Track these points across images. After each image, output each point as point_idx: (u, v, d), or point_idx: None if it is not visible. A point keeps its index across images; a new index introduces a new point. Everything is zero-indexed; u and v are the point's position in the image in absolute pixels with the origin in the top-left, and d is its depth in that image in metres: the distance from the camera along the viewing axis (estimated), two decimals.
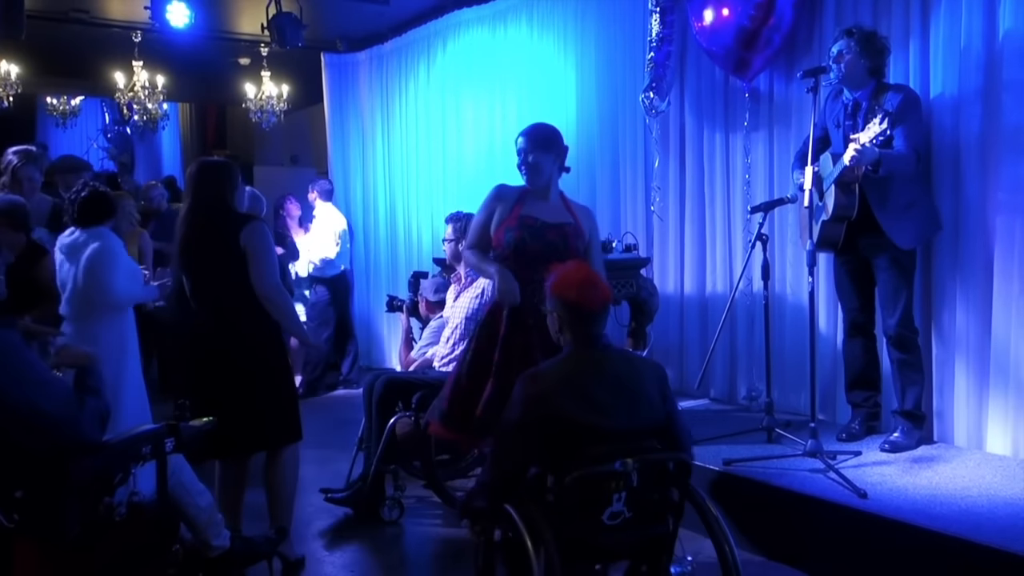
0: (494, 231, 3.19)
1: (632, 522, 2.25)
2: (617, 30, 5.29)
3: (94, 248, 3.25)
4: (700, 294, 4.99)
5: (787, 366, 4.44)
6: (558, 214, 3.20)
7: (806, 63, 4.21)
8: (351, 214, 7.69)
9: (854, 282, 3.84)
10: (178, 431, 2.36)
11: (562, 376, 2.32)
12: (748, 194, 4.64)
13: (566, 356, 2.41)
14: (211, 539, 3.00)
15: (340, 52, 7.86)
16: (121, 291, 3.29)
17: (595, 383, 2.31)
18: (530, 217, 3.14)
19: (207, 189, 3.25)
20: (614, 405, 2.29)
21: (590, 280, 2.44)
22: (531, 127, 3.27)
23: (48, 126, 11.23)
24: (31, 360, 1.94)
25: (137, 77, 8.00)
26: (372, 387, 4.08)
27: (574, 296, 2.39)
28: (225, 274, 3.19)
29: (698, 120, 4.96)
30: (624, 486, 2.19)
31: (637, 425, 2.31)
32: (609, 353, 2.41)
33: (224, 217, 3.23)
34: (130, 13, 6.94)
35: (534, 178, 3.19)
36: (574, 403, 2.26)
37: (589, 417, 2.25)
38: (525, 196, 3.21)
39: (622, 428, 2.28)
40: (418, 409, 3.85)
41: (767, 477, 3.43)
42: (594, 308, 2.40)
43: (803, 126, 4.20)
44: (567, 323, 2.41)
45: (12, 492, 1.91)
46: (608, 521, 2.22)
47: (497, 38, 6.25)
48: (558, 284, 2.44)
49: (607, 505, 2.20)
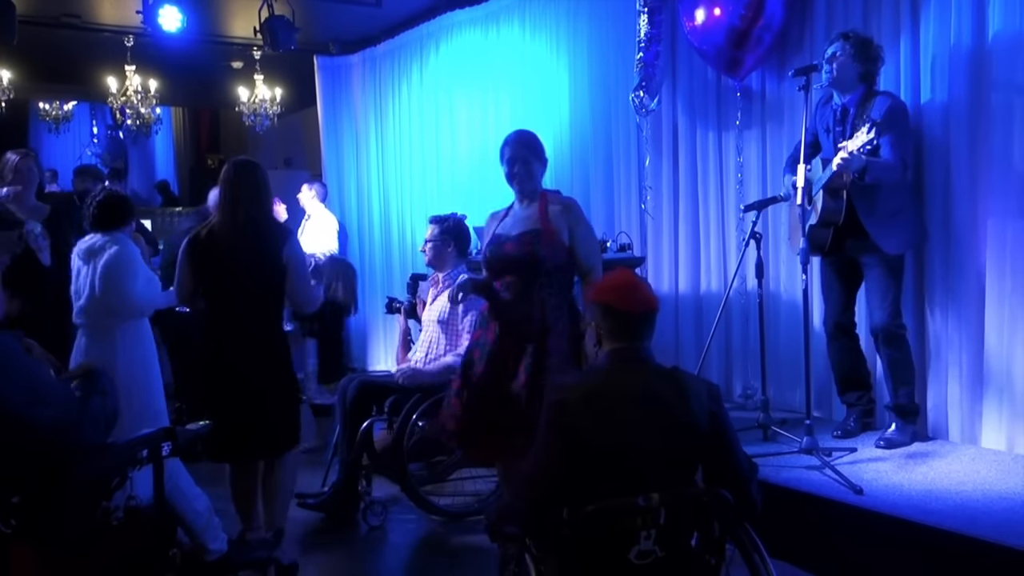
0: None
1: (665, 562, 1.97)
2: (609, 30, 5.30)
3: (112, 253, 3.26)
4: (695, 293, 5.00)
5: (782, 364, 4.45)
6: (526, 223, 3.08)
7: (797, 62, 4.23)
8: (345, 216, 7.70)
9: (841, 281, 3.86)
10: (175, 435, 2.36)
11: (588, 389, 2.09)
12: (741, 192, 4.66)
13: (597, 369, 2.19)
14: (208, 543, 3.00)
15: (333, 55, 7.86)
16: (140, 297, 3.31)
17: (625, 400, 2.05)
18: (499, 236, 3.10)
19: (251, 195, 3.18)
20: (645, 426, 2.03)
21: (631, 284, 2.23)
22: (518, 135, 3.17)
23: (41, 132, 11.19)
24: (29, 364, 1.94)
25: (130, 82, 7.97)
26: (345, 390, 4.08)
27: (611, 299, 2.18)
28: (260, 284, 3.17)
29: (690, 119, 4.97)
30: (652, 523, 1.94)
31: (671, 449, 2.04)
32: (648, 367, 2.15)
33: (268, 228, 3.20)
34: (122, 18, 6.92)
35: (527, 183, 3.10)
36: (595, 421, 2.02)
37: (611, 438, 2.01)
38: (508, 213, 3.17)
39: (652, 452, 2.02)
40: (391, 413, 3.86)
41: (763, 474, 3.38)
42: (632, 311, 2.15)
43: (795, 124, 4.22)
44: (605, 331, 2.19)
45: (9, 497, 1.90)
46: (636, 560, 1.95)
47: (489, 39, 6.26)
48: (597, 290, 2.26)
49: (634, 543, 1.94)
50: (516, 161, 3.09)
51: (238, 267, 3.17)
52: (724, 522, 2.01)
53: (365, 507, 3.90)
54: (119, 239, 3.32)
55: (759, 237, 3.99)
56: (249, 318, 3.18)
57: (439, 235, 4.13)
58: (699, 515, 2.00)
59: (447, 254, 4.12)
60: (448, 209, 5.74)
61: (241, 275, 3.17)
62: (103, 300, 3.25)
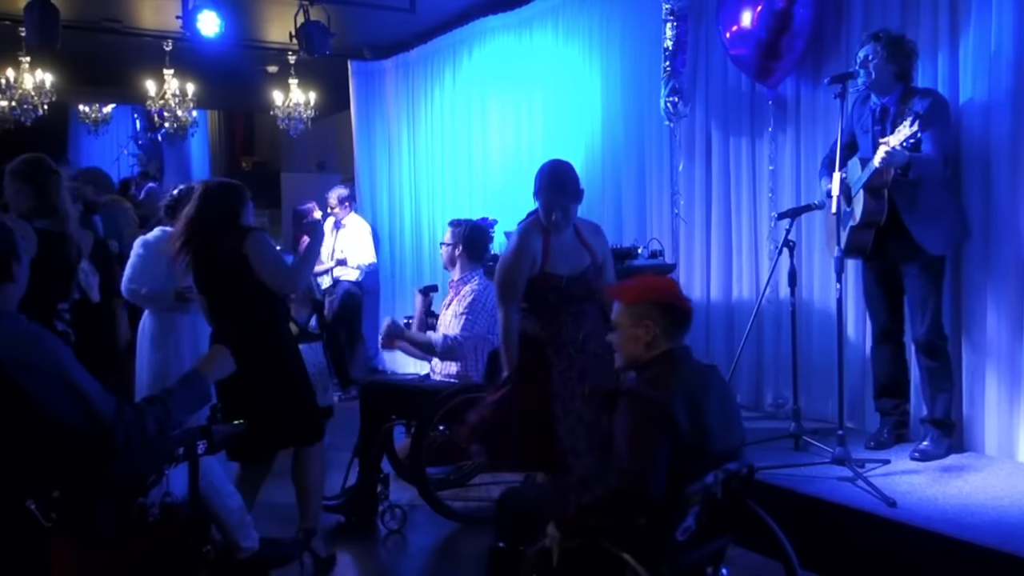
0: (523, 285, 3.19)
1: (697, 536, 2.13)
2: (642, 36, 5.29)
3: None
4: (726, 300, 4.96)
5: (814, 373, 4.40)
6: (578, 257, 3.22)
7: (833, 68, 4.19)
8: (377, 220, 7.75)
9: (883, 289, 3.81)
10: (210, 433, 2.39)
11: (677, 388, 2.13)
12: (774, 200, 4.62)
13: (665, 369, 2.20)
14: (240, 540, 3.03)
15: (367, 60, 7.93)
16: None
17: (706, 399, 2.14)
18: (555, 276, 3.17)
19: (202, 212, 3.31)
20: (720, 425, 2.15)
21: (675, 283, 2.37)
22: (552, 177, 3.17)
23: (80, 134, 11.40)
24: (69, 366, 1.98)
25: (168, 85, 8.12)
26: (366, 393, 4.13)
27: (671, 298, 2.23)
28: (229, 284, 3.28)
29: (723, 126, 4.95)
30: (703, 500, 2.06)
31: (731, 447, 2.20)
32: (702, 365, 2.24)
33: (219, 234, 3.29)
34: (161, 22, 7.06)
35: (564, 226, 3.19)
36: (688, 417, 2.09)
37: (697, 435, 2.10)
38: (547, 240, 3.19)
39: (721, 450, 2.15)
40: (410, 417, 3.89)
41: (794, 484, 3.41)
42: (690, 309, 2.26)
43: (830, 131, 4.18)
44: (664, 329, 2.22)
45: (50, 492, 1.94)
46: (681, 537, 2.09)
47: (523, 45, 6.28)
48: (647, 291, 2.28)
49: (682, 521, 2.07)
50: (554, 209, 3.15)
51: (203, 275, 3.33)
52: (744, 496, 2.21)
53: (384, 510, 3.92)
54: None
55: (792, 245, 3.96)
56: (228, 319, 3.28)
57: (452, 238, 4.20)
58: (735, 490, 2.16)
59: (457, 258, 4.15)
60: (479, 214, 5.77)
61: (208, 281, 3.33)
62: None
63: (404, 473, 4.02)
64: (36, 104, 7.86)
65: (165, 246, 3.43)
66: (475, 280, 4.11)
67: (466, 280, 4.13)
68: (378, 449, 3.94)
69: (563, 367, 3.14)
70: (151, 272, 3.40)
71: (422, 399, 3.88)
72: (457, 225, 4.24)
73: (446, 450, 3.99)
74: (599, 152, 5.63)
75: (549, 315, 3.19)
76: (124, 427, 2.01)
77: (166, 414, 2.13)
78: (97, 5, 6.72)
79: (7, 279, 2.01)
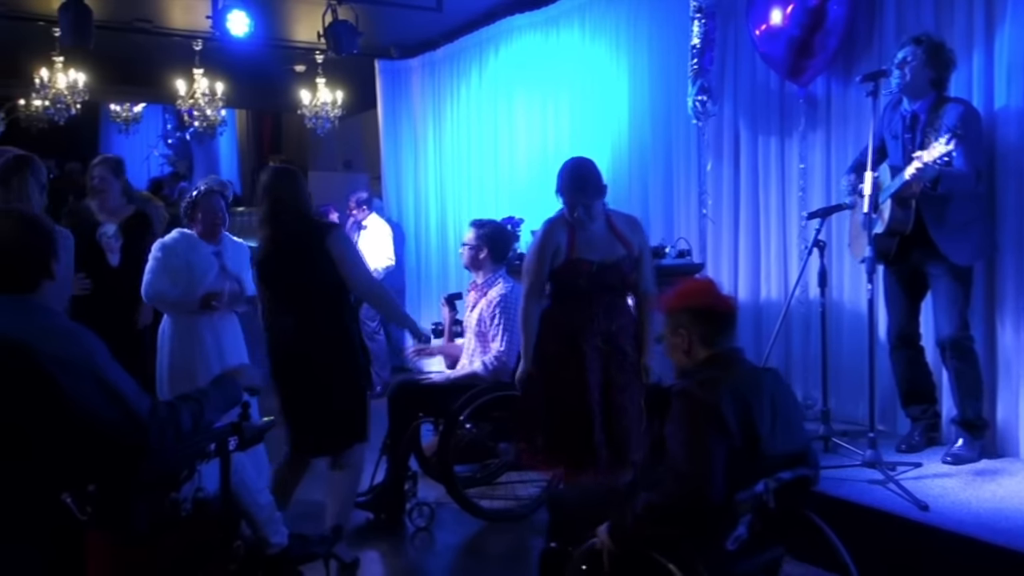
0: (550, 273, 3.23)
1: (749, 545, 2.09)
2: (669, 34, 5.26)
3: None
4: (754, 300, 4.92)
5: (844, 375, 4.36)
6: (610, 247, 3.23)
7: (865, 67, 4.13)
8: (403, 219, 7.78)
9: (904, 291, 3.77)
10: (241, 430, 2.41)
11: (727, 390, 2.08)
12: (804, 200, 4.57)
13: (715, 372, 2.16)
14: (270, 536, 3.06)
15: (393, 59, 7.96)
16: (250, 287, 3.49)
17: (757, 403, 2.08)
18: (585, 261, 3.19)
19: (286, 198, 3.31)
20: (773, 429, 2.08)
21: (714, 287, 2.28)
22: (572, 175, 3.21)
23: (111, 133, 11.56)
24: (106, 363, 2.00)
25: (197, 84, 8.20)
26: (394, 392, 4.14)
27: (709, 303, 2.20)
28: (310, 279, 3.26)
29: (752, 124, 4.91)
30: (754, 508, 2.02)
31: (789, 451, 2.11)
32: (753, 367, 2.20)
33: (306, 224, 3.30)
34: (192, 22, 7.13)
35: (588, 222, 3.22)
36: (738, 421, 2.05)
37: (749, 440, 2.05)
38: (573, 232, 3.22)
39: (774, 456, 2.07)
40: (437, 415, 3.89)
41: (823, 487, 3.34)
42: (729, 311, 2.20)
43: (861, 130, 4.14)
44: (700, 336, 2.20)
45: (85, 486, 1.97)
46: (731, 546, 2.06)
47: (549, 43, 6.27)
48: (680, 298, 2.25)
49: (732, 529, 2.03)
50: (576, 206, 3.19)
51: (283, 268, 3.28)
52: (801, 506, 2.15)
53: (411, 508, 3.94)
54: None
55: (823, 245, 3.92)
56: (305, 317, 3.26)
57: (475, 240, 4.16)
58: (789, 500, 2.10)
59: (481, 259, 4.14)
60: (505, 213, 5.78)
61: (287, 276, 3.28)
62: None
63: (431, 471, 4.03)
64: (69, 103, 7.99)
65: (184, 249, 3.42)
66: (500, 283, 4.09)
67: (491, 283, 4.11)
68: (406, 447, 3.96)
69: (593, 357, 3.14)
70: (170, 276, 3.40)
71: (450, 397, 3.89)
72: (480, 226, 4.21)
73: (473, 448, 4.01)
74: (625, 151, 5.60)
75: (580, 303, 3.19)
76: (159, 425, 2.04)
77: (200, 412, 2.16)
78: (129, 5, 6.81)
79: (46, 276, 2.03)
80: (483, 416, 3.87)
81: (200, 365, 3.33)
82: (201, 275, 3.39)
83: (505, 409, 3.73)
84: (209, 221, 3.42)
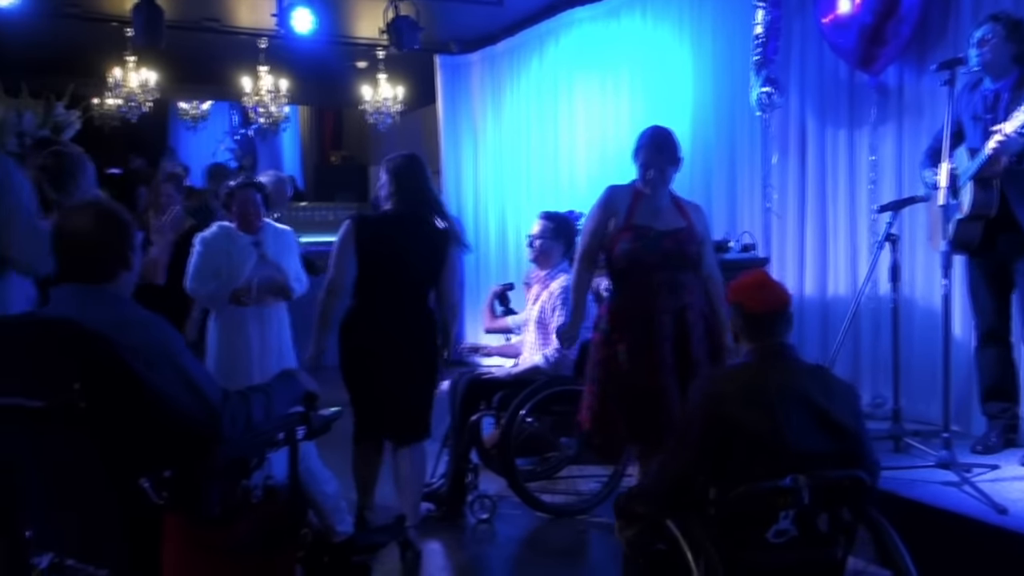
0: (608, 240, 3.18)
1: (799, 542, 2.11)
2: (735, 23, 5.17)
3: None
4: (821, 296, 4.82)
5: (916, 373, 4.22)
6: (671, 219, 3.18)
7: (940, 55, 4.00)
8: (462, 212, 7.81)
9: (990, 286, 3.62)
10: (309, 419, 2.45)
11: (743, 383, 2.18)
12: (874, 192, 4.46)
13: (747, 364, 2.28)
14: (335, 524, 3.12)
15: (453, 53, 8.00)
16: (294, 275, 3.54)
17: (780, 397, 2.13)
18: (644, 227, 3.14)
19: (424, 186, 3.41)
20: (800, 425, 2.12)
21: (760, 283, 2.32)
22: (653, 137, 3.18)
23: (179, 129, 11.86)
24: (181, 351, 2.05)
25: (262, 82, 8.37)
26: (456, 385, 4.15)
27: (742, 300, 2.28)
28: (422, 274, 3.38)
29: (820, 116, 4.80)
30: (792, 503, 2.05)
31: (823, 450, 2.13)
32: (793, 364, 2.25)
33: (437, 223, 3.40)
34: (257, 21, 7.28)
35: (660, 188, 3.17)
36: (753, 414, 2.11)
37: (769, 434, 2.10)
38: (636, 199, 3.19)
39: (805, 451, 2.11)
40: (499, 409, 3.90)
41: (894, 488, 3.27)
42: (759, 311, 2.25)
43: (935, 121, 4.00)
44: (741, 330, 2.31)
45: (162, 472, 2.02)
46: (773, 539, 2.09)
47: (610, 35, 6.21)
48: (731, 291, 2.36)
49: (773, 522, 2.07)
50: (650, 167, 3.14)
51: (409, 255, 3.34)
52: (859, 505, 2.13)
53: (473, 500, 3.95)
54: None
55: (895, 239, 3.80)
56: (409, 306, 3.35)
57: (549, 232, 4.14)
58: (836, 498, 2.11)
59: (553, 252, 4.12)
60: (565, 207, 5.75)
61: (409, 263, 3.35)
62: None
63: (492, 463, 4.05)
64: (140, 101, 8.23)
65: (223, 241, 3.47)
66: (562, 275, 4.08)
67: (553, 275, 4.11)
68: (467, 439, 3.98)
69: (663, 336, 3.08)
70: (211, 268, 3.44)
71: (511, 390, 3.90)
72: (549, 218, 4.20)
73: (533, 442, 4.01)
74: (688, 144, 5.50)
75: (640, 284, 3.12)
76: (231, 413, 2.08)
77: (269, 404, 2.20)
78: (197, 5, 6.98)
79: (125, 267, 2.09)
80: (544, 410, 3.88)
81: (244, 357, 3.39)
82: (240, 265, 3.44)
83: (566, 403, 3.72)
84: (241, 212, 3.47)
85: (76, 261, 2.05)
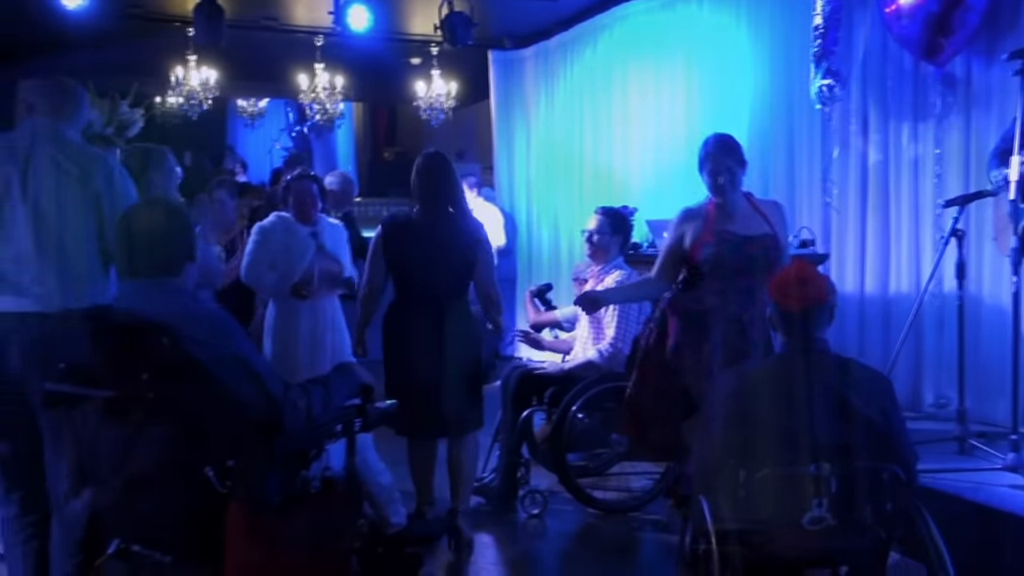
0: (690, 248, 3.14)
1: (836, 530, 2.17)
2: (795, 13, 5.05)
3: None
4: (883, 294, 4.70)
5: (982, 373, 4.09)
6: (753, 223, 3.14)
7: (1010, 45, 3.85)
8: (515, 208, 7.82)
9: None
10: (366, 412, 2.48)
11: (767, 375, 2.30)
12: (939, 187, 4.33)
13: (777, 357, 2.38)
14: (390, 516, 3.16)
15: (506, 49, 8.00)
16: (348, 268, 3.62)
17: (804, 389, 2.22)
18: (728, 232, 3.09)
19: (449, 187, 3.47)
20: (822, 416, 2.19)
21: (797, 278, 2.35)
22: (718, 143, 3.15)
23: (237, 126, 12.12)
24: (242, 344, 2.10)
25: (318, 79, 8.49)
26: (508, 380, 4.15)
27: (776, 295, 2.36)
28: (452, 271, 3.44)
29: (882, 108, 4.67)
30: (822, 491, 2.13)
31: (847, 441, 2.20)
32: (825, 359, 2.31)
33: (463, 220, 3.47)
34: (314, 19, 7.38)
35: (731, 192, 3.12)
36: (776, 405, 2.21)
37: (790, 423, 2.18)
38: (713, 210, 3.14)
39: (831, 443, 2.17)
40: (551, 404, 3.89)
41: (958, 491, 3.19)
42: (789, 308, 2.31)
43: (1005, 112, 3.87)
44: (775, 322, 2.39)
45: (225, 460, 2.07)
46: (808, 525, 2.15)
47: (666, 28, 6.14)
48: (771, 285, 2.42)
49: (807, 509, 2.14)
50: (721, 172, 3.10)
51: (434, 256, 3.38)
52: (897, 498, 2.18)
53: (524, 495, 3.96)
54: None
55: (961, 235, 3.69)
56: (445, 301, 3.38)
57: (607, 227, 4.11)
58: (873, 489, 2.17)
59: (611, 247, 4.10)
60: (618, 200, 5.72)
61: (436, 263, 3.40)
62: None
63: (542, 459, 4.05)
64: (201, 99, 8.41)
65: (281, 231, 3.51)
66: (616, 271, 4.05)
67: (607, 270, 4.08)
68: (519, 435, 3.99)
69: (717, 343, 3.05)
70: (268, 258, 3.48)
71: (563, 386, 3.89)
72: (606, 213, 4.18)
73: (585, 437, 4.00)
74: (746, 138, 5.37)
75: (714, 286, 3.09)
76: (292, 404, 2.13)
77: (328, 396, 2.24)
78: (256, 4, 7.11)
79: (190, 259, 2.15)
80: (596, 407, 3.86)
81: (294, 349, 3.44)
82: (299, 256, 3.47)
83: (618, 400, 3.70)
84: (299, 203, 3.51)
85: (146, 256, 2.12)
